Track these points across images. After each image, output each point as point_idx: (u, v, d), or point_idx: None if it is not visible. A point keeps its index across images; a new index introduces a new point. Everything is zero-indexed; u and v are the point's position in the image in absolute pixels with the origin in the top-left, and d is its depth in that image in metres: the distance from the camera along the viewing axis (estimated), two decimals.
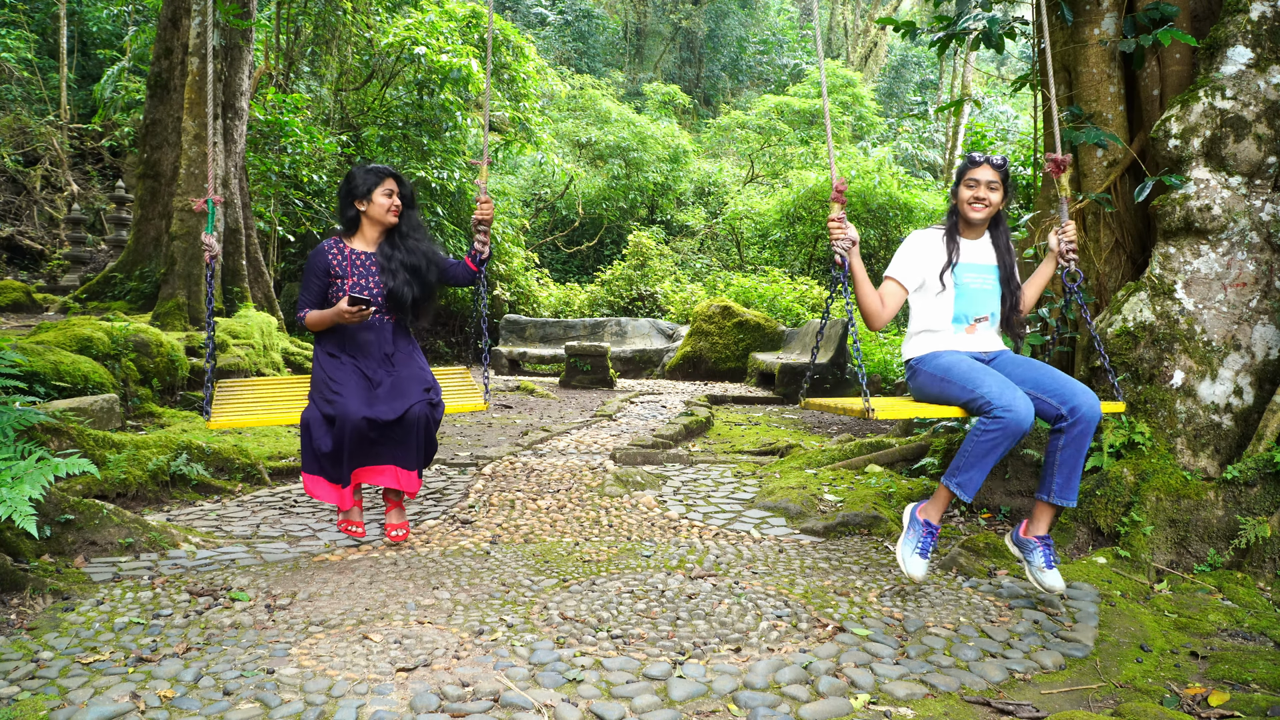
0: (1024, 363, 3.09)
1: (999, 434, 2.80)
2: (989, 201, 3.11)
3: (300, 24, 12.81)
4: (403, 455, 3.51)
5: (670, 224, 20.22)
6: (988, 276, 3.19)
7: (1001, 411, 2.78)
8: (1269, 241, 3.59)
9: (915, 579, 2.96)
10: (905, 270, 3.17)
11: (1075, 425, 2.87)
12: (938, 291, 3.15)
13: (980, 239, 3.24)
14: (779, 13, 30.92)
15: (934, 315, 3.16)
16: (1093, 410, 2.85)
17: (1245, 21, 3.64)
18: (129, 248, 9.30)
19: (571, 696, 2.26)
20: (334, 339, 3.61)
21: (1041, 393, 2.95)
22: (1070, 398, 2.88)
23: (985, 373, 2.92)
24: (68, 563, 3.21)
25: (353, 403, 3.39)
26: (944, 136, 21.40)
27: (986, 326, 3.18)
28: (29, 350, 5.17)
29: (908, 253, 3.20)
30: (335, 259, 3.62)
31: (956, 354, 3.07)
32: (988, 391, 2.83)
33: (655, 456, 5.55)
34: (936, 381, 3.05)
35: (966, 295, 3.15)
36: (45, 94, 14.95)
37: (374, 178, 3.60)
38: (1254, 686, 2.42)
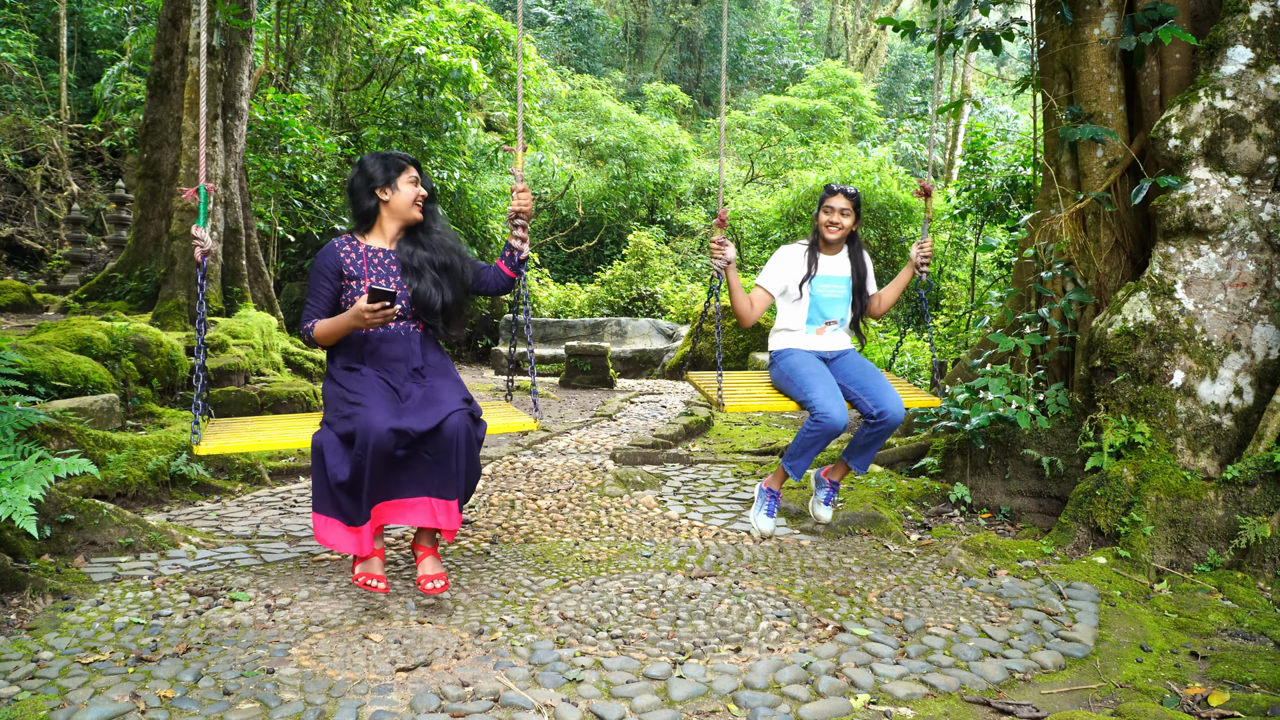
0: (859, 365, 3.75)
1: (819, 433, 3.53)
2: (842, 225, 3.74)
3: (300, 24, 12.80)
4: (440, 480, 2.83)
5: (670, 224, 20.22)
6: (840, 287, 3.82)
7: (821, 416, 3.48)
8: (1269, 241, 3.59)
9: (765, 532, 3.79)
10: (771, 280, 3.82)
11: (881, 423, 3.57)
12: (796, 299, 3.78)
13: (838, 254, 3.85)
14: (779, 13, 30.91)
15: (792, 317, 3.81)
16: (896, 416, 3.54)
17: (1245, 21, 3.64)
18: (129, 248, 9.30)
19: (571, 696, 2.26)
20: (351, 353, 3.02)
21: (863, 394, 3.63)
22: (882, 402, 3.56)
23: (819, 379, 3.58)
24: (68, 563, 3.21)
25: (376, 414, 2.74)
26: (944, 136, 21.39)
27: (835, 329, 3.82)
28: (29, 350, 5.17)
29: (775, 265, 3.83)
30: (349, 257, 3.02)
31: (803, 354, 3.73)
32: (815, 398, 3.52)
33: (655, 456, 5.55)
34: (784, 378, 3.71)
35: (820, 302, 3.78)
36: (45, 94, 14.95)
37: (397, 164, 3.05)
38: (1254, 686, 2.42)
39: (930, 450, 4.69)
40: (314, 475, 2.83)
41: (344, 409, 2.85)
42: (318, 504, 2.83)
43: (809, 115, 21.93)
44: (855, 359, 3.79)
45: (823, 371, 3.63)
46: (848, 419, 3.49)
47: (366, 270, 3.03)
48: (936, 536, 3.90)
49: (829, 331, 3.80)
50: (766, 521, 3.79)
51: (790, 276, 3.79)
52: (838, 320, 3.80)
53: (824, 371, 3.63)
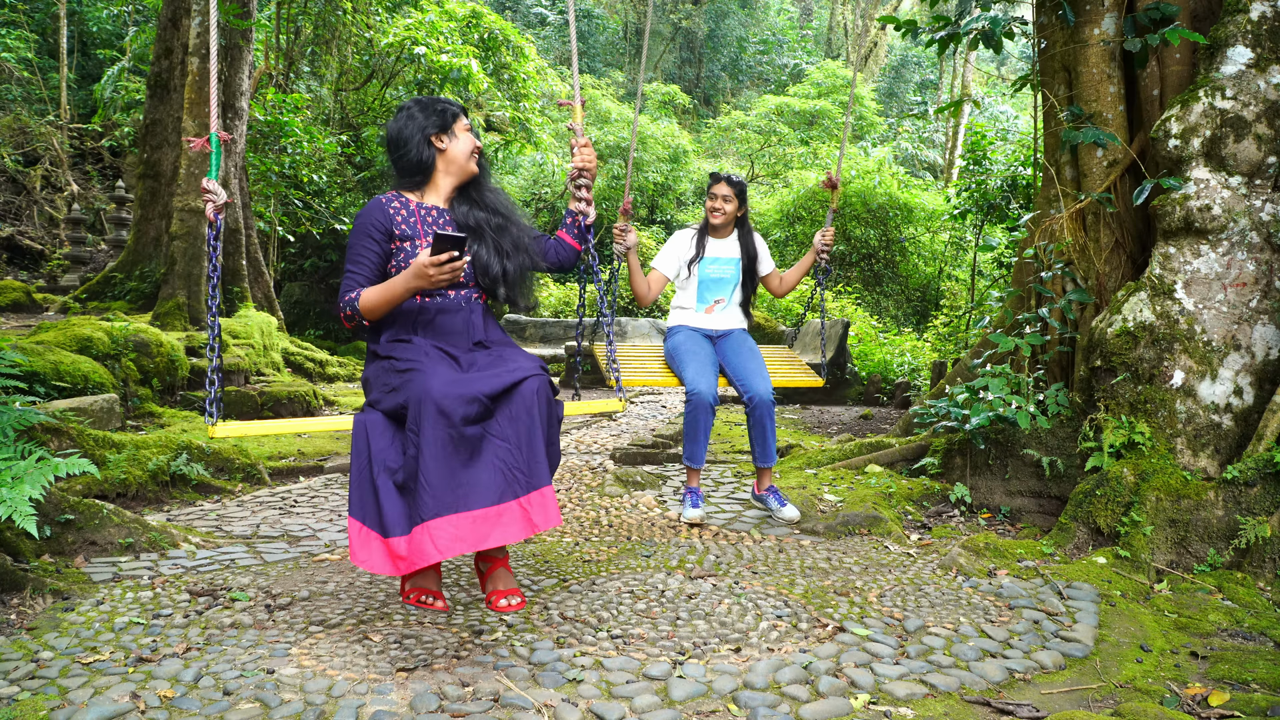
0: (738, 346, 3.97)
1: (694, 409, 3.76)
2: (724, 210, 4.03)
3: (300, 24, 12.80)
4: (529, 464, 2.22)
5: (670, 224, 20.22)
6: (728, 267, 4.09)
7: (691, 392, 3.72)
8: (1269, 241, 3.59)
9: (693, 519, 3.92)
10: (664, 261, 4.14)
11: (754, 407, 3.80)
12: (685, 278, 4.11)
13: (728, 238, 4.14)
14: (779, 13, 30.91)
15: (684, 296, 4.15)
16: (763, 397, 3.75)
17: (1245, 21, 3.64)
18: (129, 248, 9.30)
19: (571, 696, 2.26)
20: (401, 325, 2.51)
21: (735, 377, 3.86)
22: (751, 385, 3.77)
23: (693, 357, 3.83)
24: (68, 563, 3.21)
25: (434, 378, 2.20)
26: (944, 136, 21.39)
27: (723, 308, 4.12)
28: (29, 350, 5.17)
29: (668, 247, 4.15)
30: (399, 214, 2.55)
31: (688, 332, 4.03)
32: (687, 374, 3.77)
33: (655, 456, 5.55)
34: (670, 355, 4.01)
35: (707, 283, 4.08)
36: (45, 94, 14.95)
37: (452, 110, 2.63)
38: (1254, 686, 2.42)
39: (930, 450, 4.69)
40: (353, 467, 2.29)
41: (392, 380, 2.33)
42: (355, 507, 2.28)
43: (809, 115, 21.93)
44: (738, 339, 4.03)
45: (700, 350, 3.88)
46: (716, 394, 3.73)
47: (421, 229, 2.55)
48: (936, 536, 3.90)
49: (717, 310, 4.10)
50: (693, 511, 3.95)
51: (680, 258, 4.10)
52: (724, 299, 4.10)
53: (702, 350, 3.89)
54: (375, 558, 2.22)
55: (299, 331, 12.82)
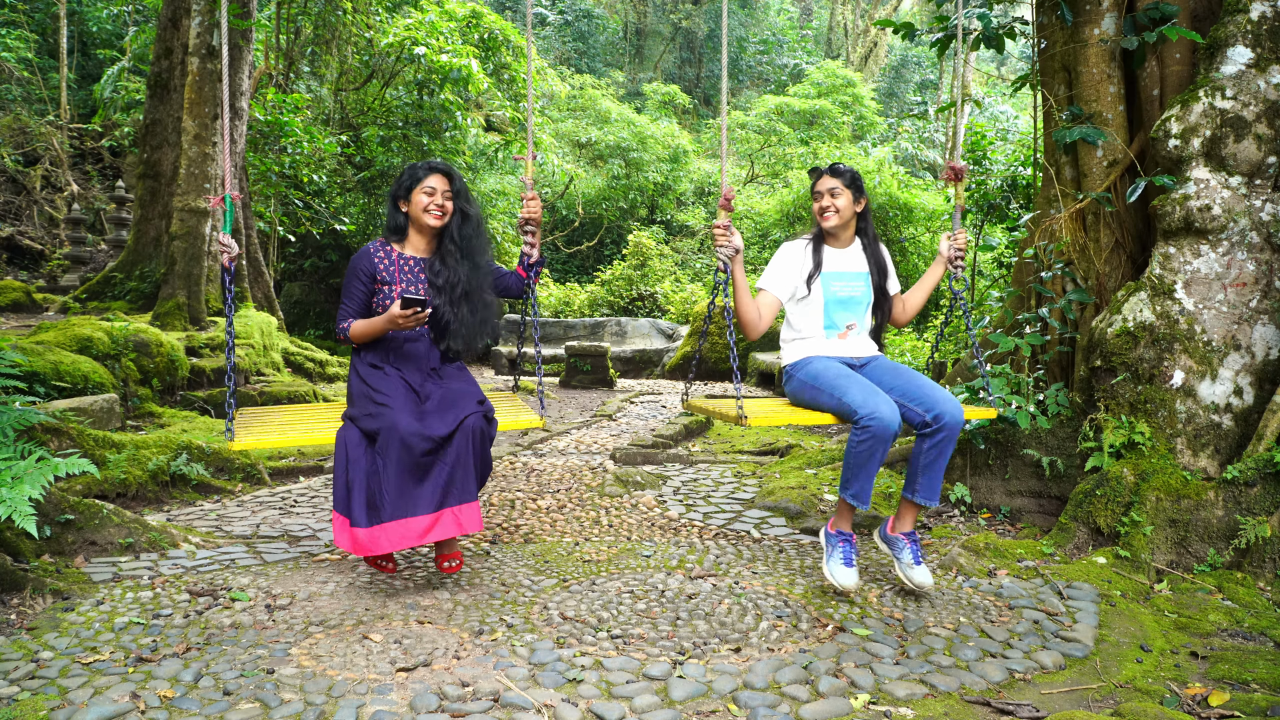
0: (894, 370, 3.19)
1: (871, 440, 2.90)
2: (835, 207, 3.23)
3: (300, 24, 12.80)
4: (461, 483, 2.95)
5: (670, 224, 20.23)
6: (856, 284, 3.29)
7: (868, 419, 2.87)
8: (1269, 241, 3.59)
9: (849, 589, 3.03)
10: (776, 280, 3.28)
11: (939, 431, 2.99)
12: (804, 298, 3.25)
13: (849, 247, 3.35)
14: (779, 13, 30.91)
15: (806, 322, 3.27)
16: (955, 418, 2.98)
17: (1245, 21, 3.64)
18: (129, 248, 9.30)
19: (571, 696, 2.26)
20: (377, 350, 3.15)
21: (908, 400, 3.05)
22: (934, 405, 2.99)
23: (851, 380, 3.01)
24: (68, 563, 3.21)
25: (402, 415, 2.90)
26: (944, 136, 21.40)
27: (857, 333, 3.29)
28: (29, 350, 5.17)
29: (777, 264, 3.30)
30: (382, 263, 3.16)
31: (826, 360, 3.17)
32: (853, 400, 2.92)
33: (655, 456, 5.55)
34: (808, 388, 3.14)
35: (835, 302, 3.25)
36: (45, 94, 14.95)
37: (414, 175, 3.16)
38: (1254, 686, 2.42)
39: None
40: (335, 471, 2.94)
41: (370, 408, 2.98)
42: (337, 501, 2.93)
43: (809, 115, 21.93)
44: (888, 364, 3.25)
45: (853, 373, 3.09)
46: (899, 419, 2.93)
47: (398, 276, 3.17)
48: (936, 536, 3.90)
49: (851, 335, 3.28)
50: (846, 573, 3.03)
51: (796, 274, 3.26)
52: (857, 323, 3.29)
53: (855, 373, 3.10)
54: (347, 541, 2.90)
55: (299, 331, 12.82)
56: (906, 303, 3.44)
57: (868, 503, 3.03)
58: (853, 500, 3.04)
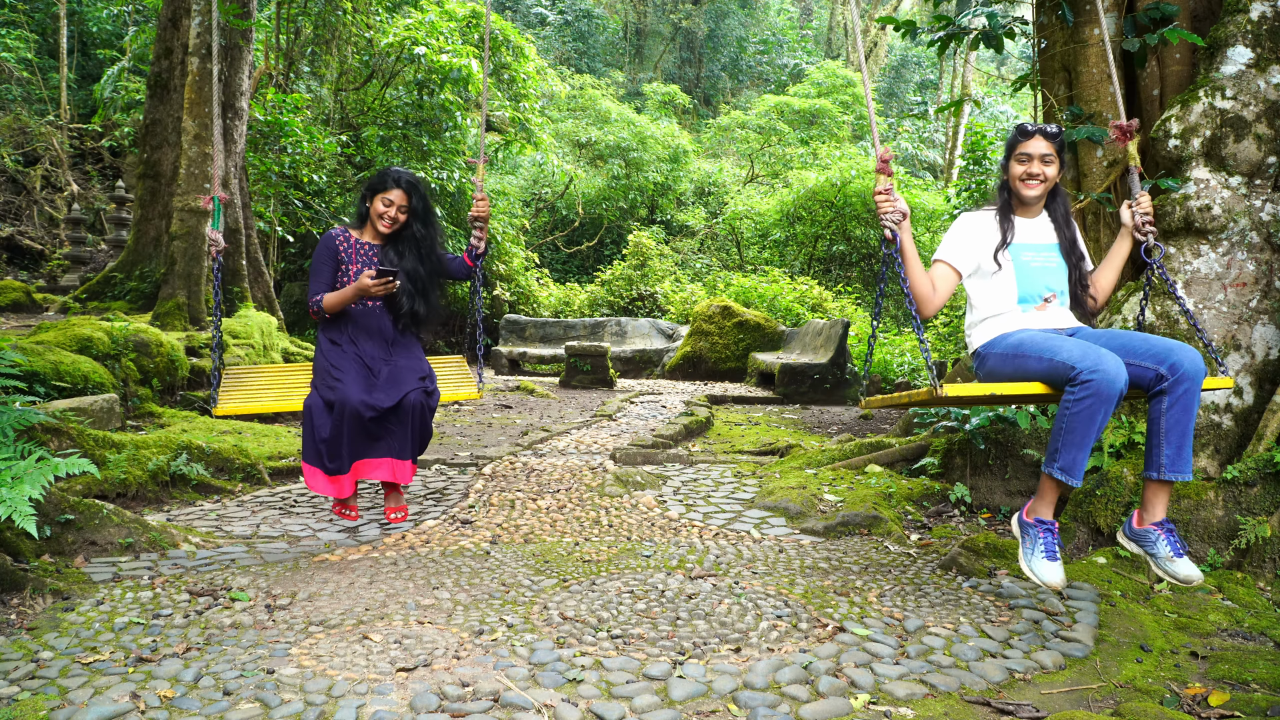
0: (1107, 333, 2.78)
1: (1092, 399, 2.48)
2: (1044, 176, 2.88)
3: (300, 24, 12.80)
4: (400, 444, 3.61)
5: (670, 224, 20.23)
6: (1050, 255, 2.94)
7: (1089, 373, 2.47)
8: (1269, 241, 3.59)
9: (1056, 586, 2.64)
10: (956, 252, 2.92)
11: (1179, 384, 2.55)
12: (994, 272, 2.90)
13: (1037, 216, 3.00)
14: (779, 13, 30.92)
15: (998, 299, 2.90)
16: (1195, 365, 2.54)
17: (1245, 21, 3.64)
18: (129, 248, 9.30)
19: (571, 696, 2.26)
20: (339, 326, 3.71)
21: (1133, 357, 2.62)
22: (1167, 355, 2.57)
23: (1063, 340, 2.63)
24: (68, 563, 3.21)
25: (353, 389, 3.51)
26: (944, 136, 21.40)
27: (1057, 305, 2.90)
28: (29, 350, 5.17)
29: (958, 233, 2.95)
30: (342, 246, 3.73)
31: (1029, 330, 2.80)
32: (1069, 355, 2.54)
33: (655, 456, 5.55)
34: (1010, 360, 2.76)
35: (1029, 275, 2.89)
36: (45, 94, 14.95)
37: (381, 183, 3.71)
38: (1254, 686, 2.42)
39: (930, 450, 4.69)
40: (304, 431, 3.57)
41: (329, 380, 3.59)
42: (307, 455, 3.57)
43: (809, 115, 21.94)
44: (1096, 331, 2.84)
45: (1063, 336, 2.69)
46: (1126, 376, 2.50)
47: (354, 258, 3.74)
48: (936, 536, 3.90)
49: (1051, 308, 2.89)
50: (1051, 570, 2.65)
51: (981, 247, 2.91)
52: (1057, 294, 2.90)
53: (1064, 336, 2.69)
54: (320, 484, 3.58)
55: (299, 331, 12.82)
56: (1098, 284, 2.99)
57: (1080, 478, 2.61)
58: (1061, 475, 2.60)
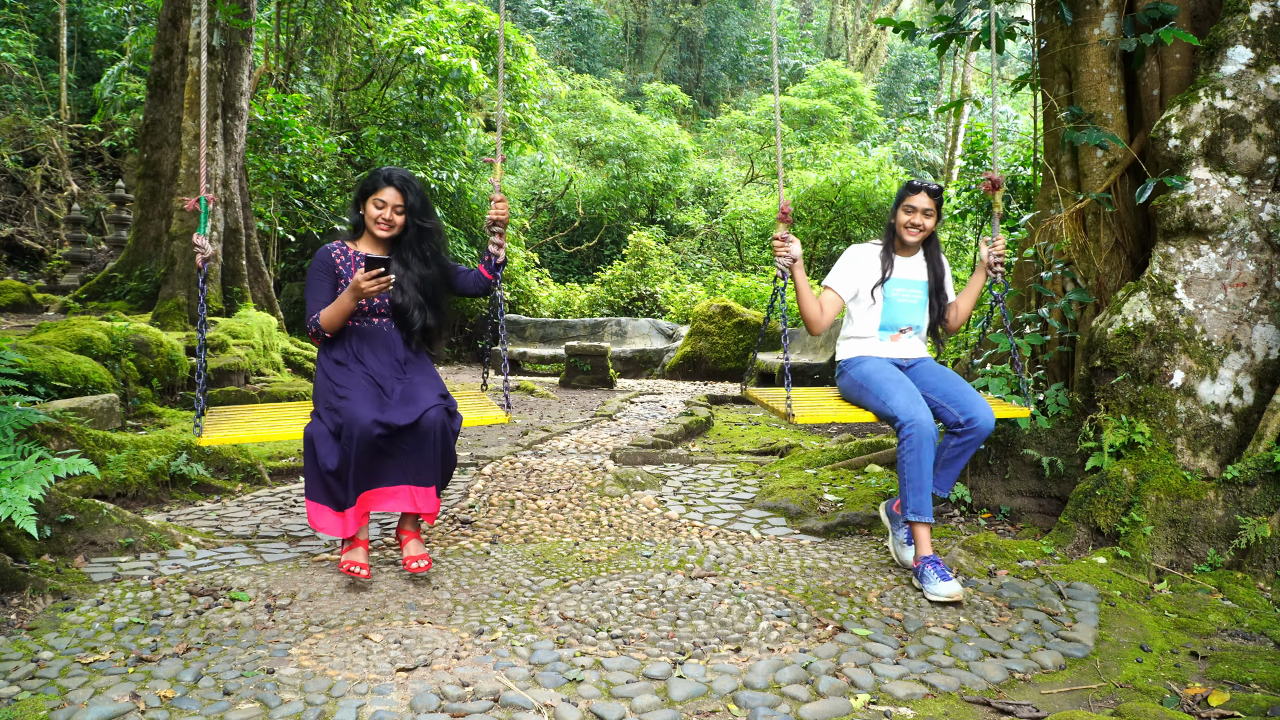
0: (938, 372, 3.42)
1: (915, 448, 3.12)
2: (924, 227, 3.43)
3: (300, 24, 12.80)
4: (418, 469, 3.10)
5: (670, 224, 20.22)
6: (916, 291, 3.52)
7: (909, 426, 3.11)
8: (1269, 241, 3.59)
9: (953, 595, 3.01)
10: (842, 281, 3.49)
11: (969, 433, 3.21)
12: (869, 305, 3.48)
13: (914, 256, 3.56)
14: (779, 13, 30.90)
15: (864, 323, 3.50)
16: (987, 423, 3.19)
17: (1245, 21, 3.64)
18: (129, 248, 9.30)
19: (571, 696, 2.26)
20: (341, 345, 3.29)
21: (947, 401, 3.26)
22: (970, 408, 3.21)
23: (899, 386, 3.23)
24: (68, 563, 3.21)
25: (361, 407, 3.02)
26: (944, 136, 21.40)
27: (910, 336, 3.52)
28: (29, 350, 5.17)
29: (845, 266, 3.50)
30: (339, 259, 3.34)
31: (877, 361, 3.42)
32: (897, 405, 3.16)
33: (655, 456, 5.55)
34: (857, 387, 3.38)
35: (894, 308, 3.48)
36: (45, 94, 14.95)
37: (372, 184, 3.31)
38: (1254, 686, 2.42)
39: None
40: (306, 465, 3.10)
41: (332, 401, 3.12)
42: (310, 490, 3.10)
43: (809, 115, 21.93)
44: (933, 366, 3.49)
45: (902, 378, 3.30)
46: (935, 424, 3.16)
47: (353, 270, 3.33)
48: (936, 536, 3.90)
49: (904, 339, 3.51)
50: (947, 586, 3.04)
51: (863, 279, 3.48)
52: (912, 327, 3.51)
53: (903, 377, 3.31)
54: (327, 523, 3.08)
55: (299, 331, 12.82)
56: (959, 308, 3.58)
57: (930, 514, 3.16)
58: (914, 517, 3.16)
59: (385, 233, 3.31)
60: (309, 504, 3.11)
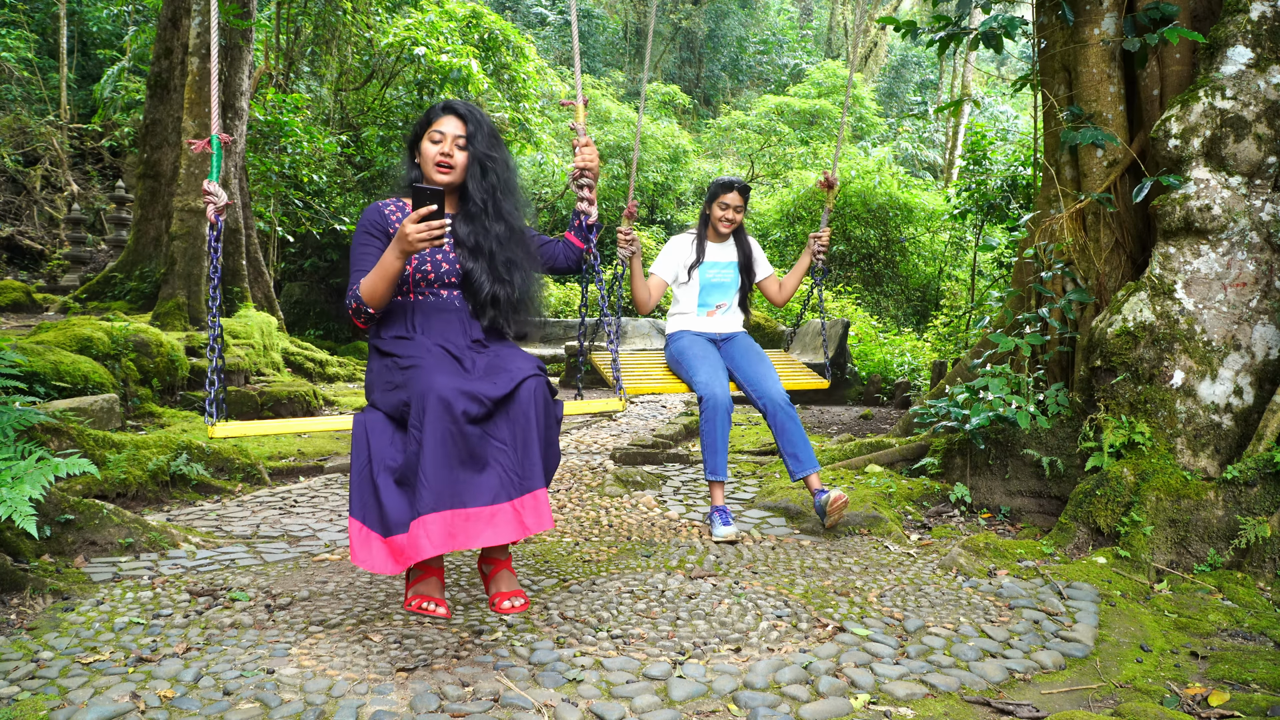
0: (745, 350, 3.98)
1: (709, 414, 3.70)
2: (735, 220, 4.03)
3: (300, 24, 12.80)
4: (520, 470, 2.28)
5: (670, 224, 20.23)
6: (727, 271, 4.12)
7: (706, 396, 3.69)
8: (1269, 241, 3.59)
9: (728, 536, 3.70)
10: (663, 267, 4.11)
11: (772, 412, 3.77)
12: (685, 282, 4.08)
13: (726, 241, 4.16)
14: (779, 13, 30.90)
15: (685, 301, 4.11)
16: (775, 399, 3.75)
17: (1245, 21, 3.64)
18: (129, 248, 9.30)
19: (571, 696, 2.26)
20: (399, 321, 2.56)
21: (746, 382, 3.85)
22: (762, 390, 3.79)
23: (703, 360, 3.82)
24: (68, 563, 3.21)
25: (438, 375, 2.26)
26: (944, 136, 21.40)
27: (724, 311, 4.13)
28: (29, 350, 5.17)
29: (666, 253, 4.12)
30: (394, 217, 2.62)
31: (693, 336, 4.02)
32: (699, 378, 3.75)
33: (655, 456, 5.55)
34: (674, 360, 3.98)
35: (709, 287, 4.08)
36: (45, 94, 14.95)
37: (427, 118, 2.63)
38: (1254, 686, 2.42)
39: (930, 450, 4.69)
40: (353, 467, 2.33)
41: (395, 377, 2.38)
42: (356, 507, 2.31)
43: (809, 115, 21.93)
44: (743, 342, 4.04)
45: (709, 353, 3.88)
46: (730, 397, 3.71)
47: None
48: (936, 536, 3.90)
49: (719, 314, 4.11)
50: (724, 529, 3.76)
51: (679, 263, 4.08)
52: (726, 302, 4.11)
53: (710, 353, 3.89)
54: (376, 557, 2.27)
55: (299, 331, 12.82)
56: (784, 285, 4.19)
57: (724, 473, 3.79)
58: (712, 476, 3.79)
59: (446, 175, 2.58)
60: (353, 526, 2.31)
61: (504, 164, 2.64)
